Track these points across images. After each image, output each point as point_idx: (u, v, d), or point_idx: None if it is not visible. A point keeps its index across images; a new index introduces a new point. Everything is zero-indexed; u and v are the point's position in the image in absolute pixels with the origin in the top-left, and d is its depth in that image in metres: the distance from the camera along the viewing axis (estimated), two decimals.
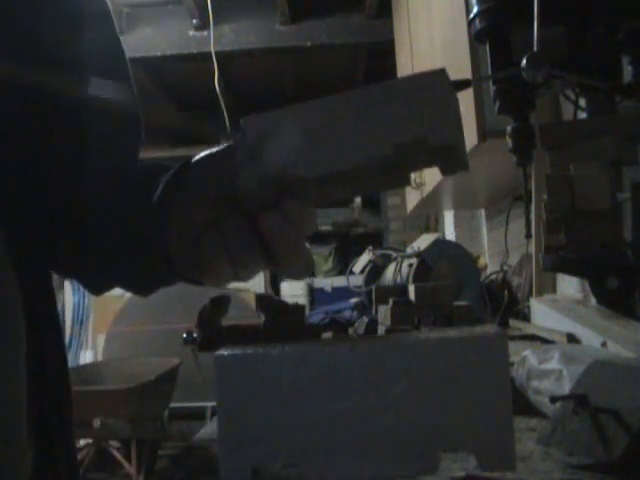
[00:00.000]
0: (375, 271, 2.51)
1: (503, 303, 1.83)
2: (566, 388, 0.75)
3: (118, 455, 3.15)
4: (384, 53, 3.73)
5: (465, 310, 1.48)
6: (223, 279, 0.49)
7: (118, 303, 4.21)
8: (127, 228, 0.56)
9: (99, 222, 0.57)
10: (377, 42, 3.73)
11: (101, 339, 4.32)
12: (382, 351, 0.44)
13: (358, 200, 5.23)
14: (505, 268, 2.15)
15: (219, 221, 0.47)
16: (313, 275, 5.17)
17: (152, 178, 0.55)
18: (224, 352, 0.44)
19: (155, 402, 3.14)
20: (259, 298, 0.87)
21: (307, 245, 0.49)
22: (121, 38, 0.65)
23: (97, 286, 0.64)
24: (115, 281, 0.62)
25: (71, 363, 3.82)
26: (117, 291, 0.64)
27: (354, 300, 2.84)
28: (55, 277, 0.62)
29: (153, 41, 3.68)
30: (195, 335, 0.90)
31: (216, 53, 3.40)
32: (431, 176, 2.27)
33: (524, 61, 0.90)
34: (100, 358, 4.21)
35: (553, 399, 0.69)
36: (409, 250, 2.25)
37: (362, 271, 2.68)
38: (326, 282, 4.97)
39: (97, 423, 2.87)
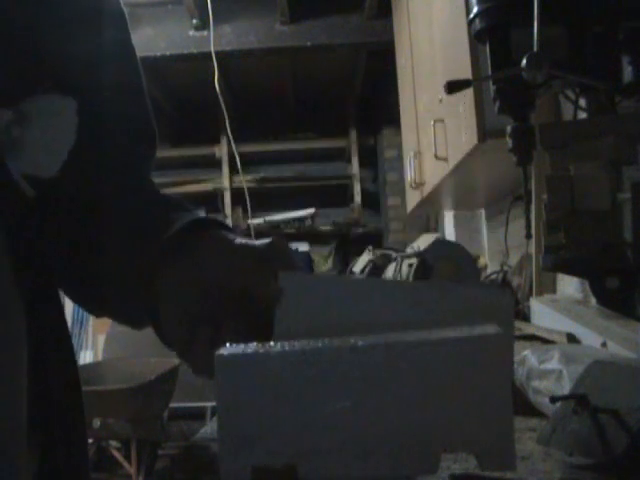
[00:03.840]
0: (375, 271, 2.51)
1: None
2: (566, 388, 0.75)
3: (118, 455, 3.15)
4: (384, 53, 3.73)
5: None
6: (205, 374, 0.48)
7: None
8: (124, 274, 0.53)
9: (98, 254, 0.55)
10: (377, 42, 3.73)
11: (101, 339, 4.32)
12: (382, 351, 0.44)
13: (358, 200, 5.23)
14: (505, 268, 2.15)
15: (218, 315, 0.46)
16: None
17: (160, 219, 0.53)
18: (224, 352, 0.44)
19: (155, 402, 3.14)
20: None
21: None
22: None
23: (94, 312, 0.63)
24: (107, 313, 0.61)
25: None
26: None
27: None
28: None
29: (153, 41, 3.68)
30: None
31: (216, 53, 3.40)
32: (431, 176, 2.28)
33: (524, 61, 0.90)
34: (100, 358, 4.21)
35: (553, 399, 0.68)
36: (409, 250, 2.25)
37: (362, 271, 2.68)
38: None
39: (97, 423, 2.87)
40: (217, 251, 0.49)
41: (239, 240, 0.50)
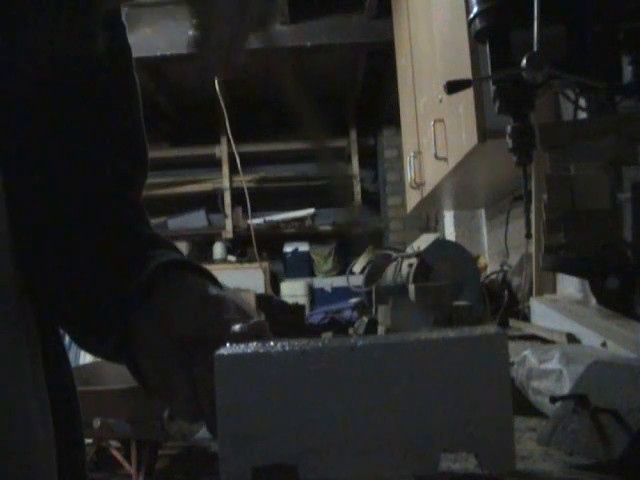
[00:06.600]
0: (375, 271, 2.51)
1: (503, 303, 1.83)
2: (566, 388, 0.75)
3: (118, 455, 3.14)
4: (384, 53, 3.73)
5: (465, 310, 1.48)
6: (187, 419, 0.49)
7: None
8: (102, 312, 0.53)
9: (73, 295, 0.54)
10: (377, 42, 3.73)
11: None
12: (382, 351, 0.44)
13: (358, 200, 5.23)
14: (505, 268, 2.15)
15: (191, 362, 0.46)
16: (313, 275, 5.17)
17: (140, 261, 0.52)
18: (224, 352, 0.44)
19: (155, 402, 3.13)
20: (259, 298, 0.87)
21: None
22: None
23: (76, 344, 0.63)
24: (84, 348, 0.61)
25: (71, 363, 3.81)
26: None
27: (354, 300, 2.85)
28: None
29: (153, 41, 3.68)
30: None
31: None
32: (431, 176, 2.28)
33: (524, 61, 0.90)
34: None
35: (553, 399, 0.68)
36: (409, 250, 2.25)
37: (362, 271, 2.68)
38: (326, 282, 4.96)
39: (97, 423, 2.86)
40: (191, 301, 0.49)
41: (213, 290, 0.50)
